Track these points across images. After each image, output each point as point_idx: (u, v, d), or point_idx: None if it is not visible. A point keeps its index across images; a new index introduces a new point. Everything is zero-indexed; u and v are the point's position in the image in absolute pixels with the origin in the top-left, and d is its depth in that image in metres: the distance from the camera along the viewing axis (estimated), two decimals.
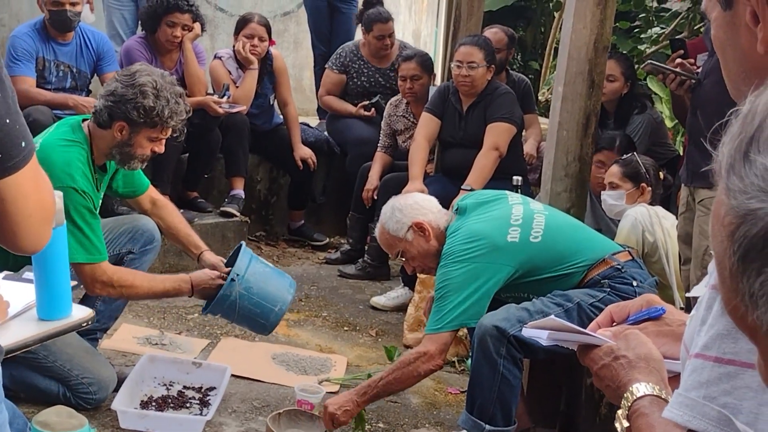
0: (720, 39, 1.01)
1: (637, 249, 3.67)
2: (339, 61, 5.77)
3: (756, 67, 0.95)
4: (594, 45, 3.34)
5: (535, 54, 13.05)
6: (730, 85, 1.03)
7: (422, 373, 2.91)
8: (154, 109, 3.01)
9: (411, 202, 3.17)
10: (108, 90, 3.08)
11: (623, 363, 1.22)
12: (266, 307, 3.18)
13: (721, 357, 0.84)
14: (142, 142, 3.09)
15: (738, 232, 0.60)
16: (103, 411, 3.17)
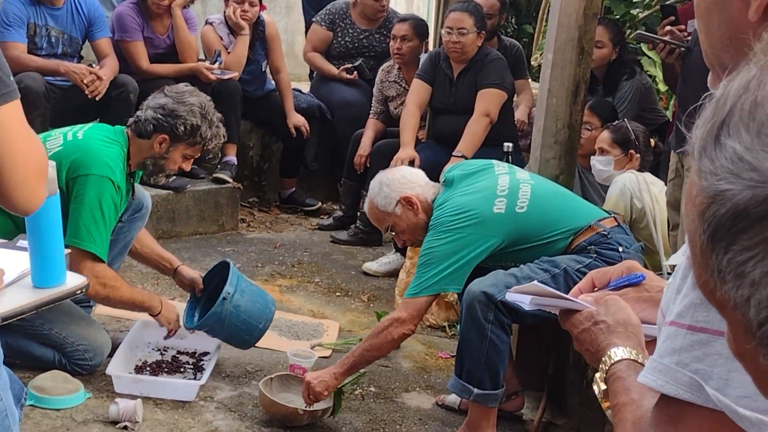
0: (707, 3, 0.99)
1: (625, 215, 3.70)
2: (328, 18, 5.76)
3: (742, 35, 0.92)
4: (584, 12, 3.34)
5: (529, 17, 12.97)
6: (710, 51, 1.02)
7: (395, 338, 2.95)
8: (199, 128, 3.19)
9: (398, 176, 3.20)
10: (157, 103, 3.20)
11: (602, 328, 1.26)
12: (252, 324, 3.29)
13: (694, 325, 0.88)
14: (176, 158, 3.24)
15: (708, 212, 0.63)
16: (98, 376, 3.21)
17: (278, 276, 4.55)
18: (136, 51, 4.94)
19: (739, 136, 0.62)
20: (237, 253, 4.80)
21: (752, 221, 0.59)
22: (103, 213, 3.02)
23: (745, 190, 0.60)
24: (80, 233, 3.00)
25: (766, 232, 0.59)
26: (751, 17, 0.91)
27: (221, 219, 5.14)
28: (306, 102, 5.69)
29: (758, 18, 0.91)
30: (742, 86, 0.64)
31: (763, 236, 0.59)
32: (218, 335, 3.33)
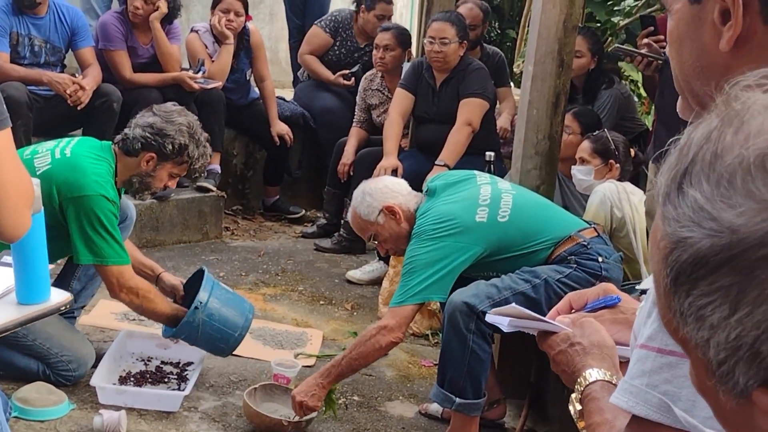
0: (680, 31, 1.00)
1: (605, 224, 3.75)
2: (332, 24, 5.78)
3: (713, 64, 0.97)
4: (563, 24, 3.38)
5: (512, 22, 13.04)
6: (681, 78, 1.03)
7: (382, 346, 2.97)
8: (187, 147, 3.23)
9: (381, 185, 3.23)
10: (146, 122, 3.22)
11: (578, 349, 1.29)
12: (226, 332, 3.28)
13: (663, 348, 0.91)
14: (163, 176, 3.27)
15: (671, 257, 0.66)
16: (82, 387, 3.22)
17: (262, 285, 4.56)
18: (119, 60, 4.95)
19: (701, 185, 0.64)
20: (221, 262, 4.81)
21: (711, 269, 0.62)
22: (106, 226, 3.05)
23: (705, 239, 0.62)
24: (101, 252, 3.05)
25: (724, 280, 0.62)
26: (722, 47, 0.93)
27: (205, 227, 5.15)
28: (289, 110, 5.71)
29: (729, 48, 0.93)
30: (704, 136, 0.66)
31: (721, 283, 0.62)
32: (196, 344, 3.33)
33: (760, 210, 0.60)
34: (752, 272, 0.60)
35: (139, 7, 4.89)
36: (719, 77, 0.97)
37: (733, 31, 0.92)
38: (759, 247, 0.60)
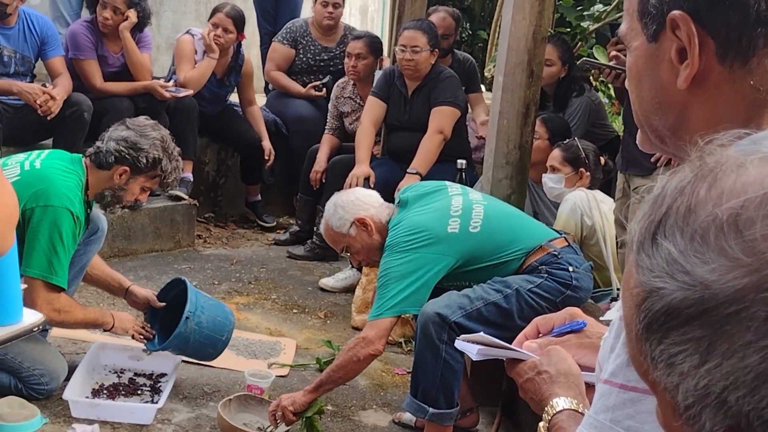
0: (638, 68, 1.02)
1: (575, 232, 3.79)
2: (289, 36, 5.81)
3: (670, 102, 1.00)
4: (533, 36, 3.42)
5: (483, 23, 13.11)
6: (640, 113, 1.05)
7: (362, 358, 2.99)
8: (160, 161, 3.25)
9: (353, 198, 3.25)
10: (120, 135, 3.23)
11: (545, 378, 1.32)
12: (215, 338, 3.34)
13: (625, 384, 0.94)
14: (135, 189, 3.29)
15: (644, 305, 0.68)
16: (54, 400, 3.21)
17: (235, 293, 4.56)
18: (89, 69, 4.93)
19: (675, 239, 0.66)
20: (193, 270, 4.81)
21: (683, 320, 0.64)
22: (63, 243, 3.04)
23: (678, 291, 0.64)
24: (41, 264, 3.03)
25: (695, 332, 0.64)
26: (680, 85, 0.96)
27: (177, 236, 5.14)
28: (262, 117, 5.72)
29: (687, 86, 0.96)
30: (678, 189, 0.68)
31: (693, 335, 0.64)
32: (183, 353, 3.36)
33: (731, 268, 0.62)
34: (723, 327, 0.62)
35: (109, 17, 4.87)
36: (677, 113, 1.00)
37: (690, 69, 0.95)
38: (730, 303, 0.62)
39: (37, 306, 2.98)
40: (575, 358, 1.36)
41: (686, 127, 1.00)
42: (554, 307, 2.98)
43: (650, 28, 0.98)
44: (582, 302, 3.11)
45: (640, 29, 1.00)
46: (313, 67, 5.83)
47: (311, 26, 5.83)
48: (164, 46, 6.97)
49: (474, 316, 2.93)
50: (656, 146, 1.08)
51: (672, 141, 1.03)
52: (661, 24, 0.97)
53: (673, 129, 1.02)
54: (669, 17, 0.95)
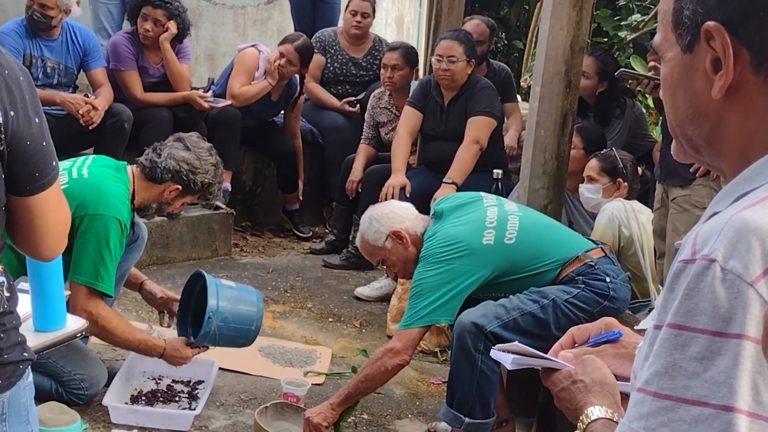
0: (673, 78, 1.04)
1: (613, 243, 3.77)
2: (319, 44, 5.86)
3: (705, 112, 1.01)
4: (571, 46, 3.42)
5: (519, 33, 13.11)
6: (675, 123, 1.07)
7: (389, 369, 3.00)
8: (212, 185, 3.39)
9: (387, 211, 3.26)
10: (180, 156, 3.31)
11: (580, 387, 1.32)
12: (243, 329, 3.32)
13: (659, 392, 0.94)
14: (178, 204, 3.42)
15: None
16: (94, 406, 3.25)
17: (271, 302, 4.59)
18: (130, 80, 5.01)
19: None
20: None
21: None
22: (110, 251, 3.09)
23: None
24: (88, 272, 3.08)
25: None
26: (714, 95, 0.98)
27: (214, 244, 5.19)
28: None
29: (721, 96, 0.97)
30: None
31: None
32: (215, 345, 3.36)
33: None
34: None
35: (150, 29, 4.95)
36: (711, 124, 1.01)
37: (725, 80, 0.96)
38: None
39: (77, 311, 3.03)
40: (611, 368, 1.36)
41: (721, 137, 1.01)
42: (591, 317, 2.96)
43: (685, 38, 1.00)
44: (619, 313, 3.09)
45: (675, 40, 1.02)
46: (339, 77, 5.87)
47: (340, 36, 5.88)
48: (202, 57, 7.05)
49: (510, 326, 2.93)
50: (691, 156, 1.08)
51: (707, 151, 1.04)
52: (696, 35, 0.98)
53: (708, 139, 1.02)
54: (703, 28, 0.96)
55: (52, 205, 1.48)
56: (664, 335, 0.93)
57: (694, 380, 0.90)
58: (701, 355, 0.90)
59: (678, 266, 0.94)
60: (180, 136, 3.44)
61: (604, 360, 1.37)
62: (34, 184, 1.44)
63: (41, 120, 1.43)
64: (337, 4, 6.42)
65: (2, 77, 1.38)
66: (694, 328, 0.90)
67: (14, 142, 1.39)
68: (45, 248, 1.52)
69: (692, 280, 0.91)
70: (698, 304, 0.90)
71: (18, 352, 1.53)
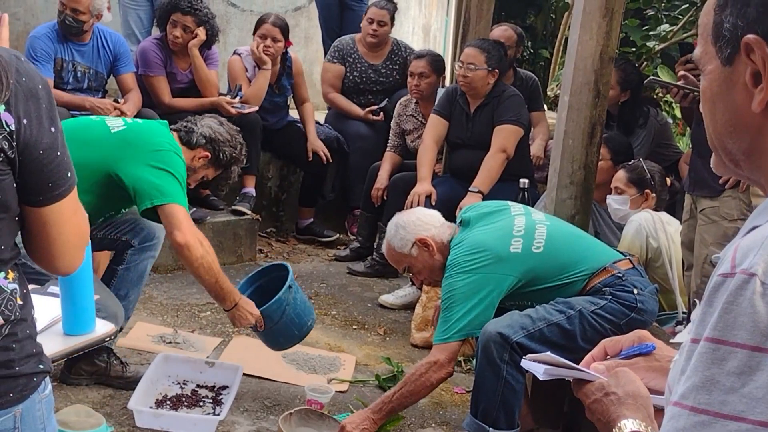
0: (712, 91, 1.03)
1: (640, 254, 3.74)
2: (337, 53, 5.86)
3: (745, 125, 1.00)
4: (600, 56, 3.40)
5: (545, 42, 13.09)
6: (714, 136, 1.06)
7: (434, 383, 3.02)
8: (236, 160, 3.55)
9: (414, 218, 3.26)
10: (214, 128, 3.51)
11: (613, 399, 1.31)
12: (303, 319, 3.41)
13: (696, 407, 0.93)
14: (199, 175, 3.52)
15: None
16: (119, 410, 3.27)
17: None
18: (159, 86, 5.04)
19: None
20: None
21: None
22: (178, 173, 3.18)
23: None
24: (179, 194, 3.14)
25: None
26: (754, 108, 0.97)
27: (239, 250, 5.21)
28: (323, 133, 5.77)
29: (761, 109, 0.97)
30: None
31: None
32: (274, 324, 3.33)
33: None
34: None
35: (179, 36, 4.99)
36: (751, 137, 1.00)
37: (765, 93, 0.95)
38: None
39: (182, 234, 3.08)
40: (644, 381, 1.35)
41: (761, 150, 1.00)
42: (618, 329, 2.94)
43: (724, 51, 1.00)
44: (647, 325, 3.07)
45: (714, 53, 1.01)
46: (360, 86, 5.88)
47: (358, 43, 5.88)
48: None
49: (536, 337, 2.91)
50: (730, 170, 1.07)
51: (746, 165, 1.03)
52: (736, 48, 0.98)
53: (748, 153, 1.02)
54: (743, 41, 0.96)
55: (68, 216, 1.46)
56: (702, 349, 0.92)
57: (731, 395, 0.89)
58: (739, 370, 0.89)
59: (717, 280, 0.93)
60: (213, 114, 3.64)
61: (637, 373, 1.36)
62: (47, 195, 1.41)
63: (57, 130, 1.40)
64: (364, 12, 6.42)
65: (19, 85, 1.36)
66: (733, 342, 0.89)
67: (27, 151, 1.37)
68: (60, 261, 1.49)
69: (731, 294, 0.90)
70: (737, 318, 0.89)
71: (32, 364, 1.49)
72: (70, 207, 1.45)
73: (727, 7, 0.99)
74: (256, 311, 3.29)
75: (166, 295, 4.54)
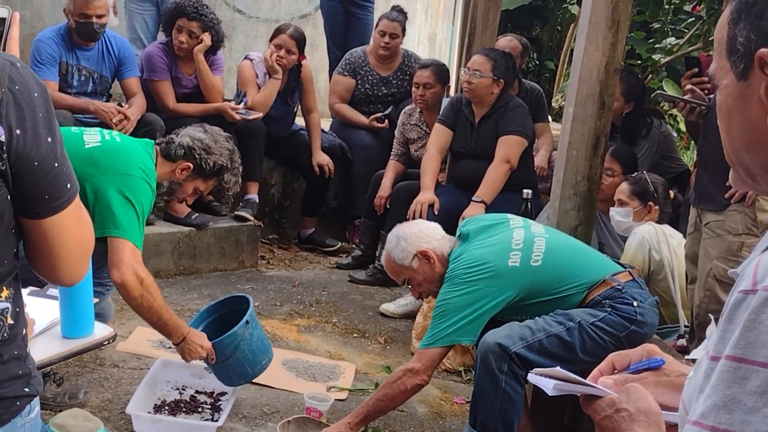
0: (728, 106, 1.03)
1: (643, 267, 3.73)
2: (348, 66, 5.86)
3: (761, 139, 0.99)
4: (605, 68, 3.39)
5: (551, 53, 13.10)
6: (731, 151, 1.05)
7: (408, 389, 2.99)
8: (223, 169, 3.38)
9: (415, 230, 3.25)
10: (195, 135, 3.36)
11: (624, 416, 1.29)
12: (258, 357, 3.27)
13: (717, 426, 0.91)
14: (188, 189, 3.38)
15: None
16: (117, 414, 3.26)
17: (296, 315, 4.59)
18: (163, 90, 5.04)
19: None
20: (256, 291, 4.85)
21: None
22: (141, 207, 3.04)
23: None
24: (132, 228, 2.98)
25: None
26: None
27: (241, 256, 5.21)
28: (328, 141, 5.78)
29: None
30: None
31: None
32: (224, 361, 3.23)
33: None
34: None
35: (184, 41, 4.99)
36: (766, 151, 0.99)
37: None
38: None
39: (124, 268, 2.88)
40: (653, 396, 1.33)
41: None
42: (618, 341, 2.93)
43: (739, 66, 0.99)
44: (647, 338, 3.05)
45: (729, 67, 1.01)
46: (371, 98, 5.88)
47: (369, 55, 5.88)
48: (235, 69, 7.06)
49: (535, 348, 2.90)
50: (748, 184, 1.06)
51: (764, 179, 1.03)
52: (750, 62, 0.97)
53: (765, 167, 1.01)
54: (757, 55, 0.95)
55: (69, 227, 1.40)
56: (723, 368, 0.91)
57: (753, 415, 0.87)
58: (762, 390, 0.87)
59: (737, 297, 0.92)
60: (202, 124, 3.49)
61: (646, 387, 1.34)
62: (45, 207, 1.36)
63: (55, 140, 1.34)
64: (370, 20, 6.43)
65: (11, 93, 1.29)
66: (755, 361, 0.88)
67: (20, 163, 1.31)
68: (63, 272, 1.44)
69: (753, 312, 0.88)
70: (759, 336, 0.88)
71: (17, 387, 1.42)
72: (71, 218, 1.40)
73: (740, 21, 0.98)
74: (207, 344, 3.18)
75: (167, 300, 4.49)
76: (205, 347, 3.17)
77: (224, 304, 3.51)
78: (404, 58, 5.91)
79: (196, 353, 3.17)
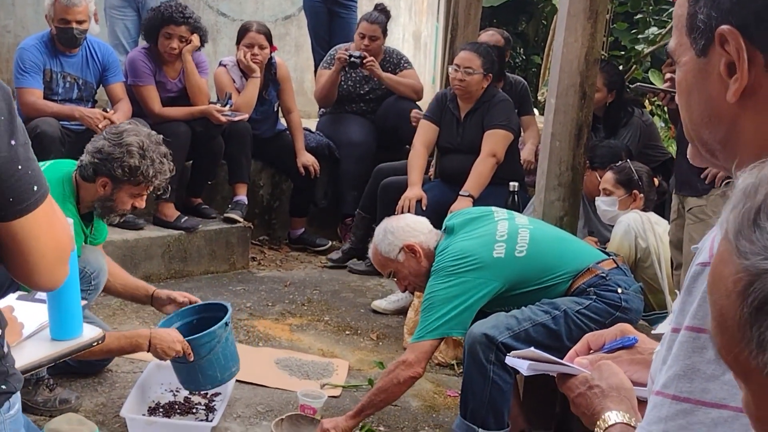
0: (688, 82, 1.04)
1: (629, 254, 3.76)
2: (333, 61, 5.87)
3: (720, 115, 1.01)
4: (585, 58, 3.42)
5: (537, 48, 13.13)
6: (690, 127, 1.07)
7: (402, 381, 3.01)
8: (138, 168, 3.15)
9: (403, 224, 3.28)
10: (95, 147, 3.20)
11: (597, 392, 1.32)
12: (229, 362, 3.22)
13: (678, 395, 0.94)
14: (124, 198, 3.22)
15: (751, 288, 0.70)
16: (111, 418, 3.28)
17: (288, 315, 4.61)
18: (148, 95, 5.05)
19: None
20: (248, 292, 4.87)
21: None
22: None
23: None
24: None
25: None
26: (729, 99, 0.97)
27: (232, 258, 5.22)
28: (315, 141, 5.79)
29: (736, 99, 0.97)
30: None
31: None
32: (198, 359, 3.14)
33: None
34: None
35: (176, 47, 4.99)
36: (727, 127, 1.01)
37: (739, 83, 0.96)
38: None
39: None
40: (627, 374, 1.36)
41: (736, 140, 1.01)
42: (603, 328, 2.95)
43: (699, 42, 1.00)
44: (633, 324, 3.07)
45: (689, 44, 1.02)
46: (353, 96, 5.90)
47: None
48: None
49: (522, 337, 2.93)
50: (706, 160, 1.08)
51: (722, 154, 1.04)
52: (710, 39, 0.98)
53: (723, 142, 1.02)
54: (717, 32, 0.96)
55: (40, 231, 1.39)
56: (683, 338, 0.93)
57: (713, 383, 0.90)
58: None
59: (696, 269, 0.94)
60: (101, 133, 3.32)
61: (620, 366, 1.37)
62: (9, 210, 1.35)
63: (18, 143, 1.33)
64: (354, 19, 6.45)
65: None
66: None
67: None
68: (38, 276, 1.42)
69: None
70: None
71: None
72: (41, 221, 1.39)
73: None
74: (180, 337, 3.09)
75: None
76: (180, 341, 3.08)
77: (197, 311, 3.43)
78: (386, 54, 5.92)
79: (171, 350, 3.07)
